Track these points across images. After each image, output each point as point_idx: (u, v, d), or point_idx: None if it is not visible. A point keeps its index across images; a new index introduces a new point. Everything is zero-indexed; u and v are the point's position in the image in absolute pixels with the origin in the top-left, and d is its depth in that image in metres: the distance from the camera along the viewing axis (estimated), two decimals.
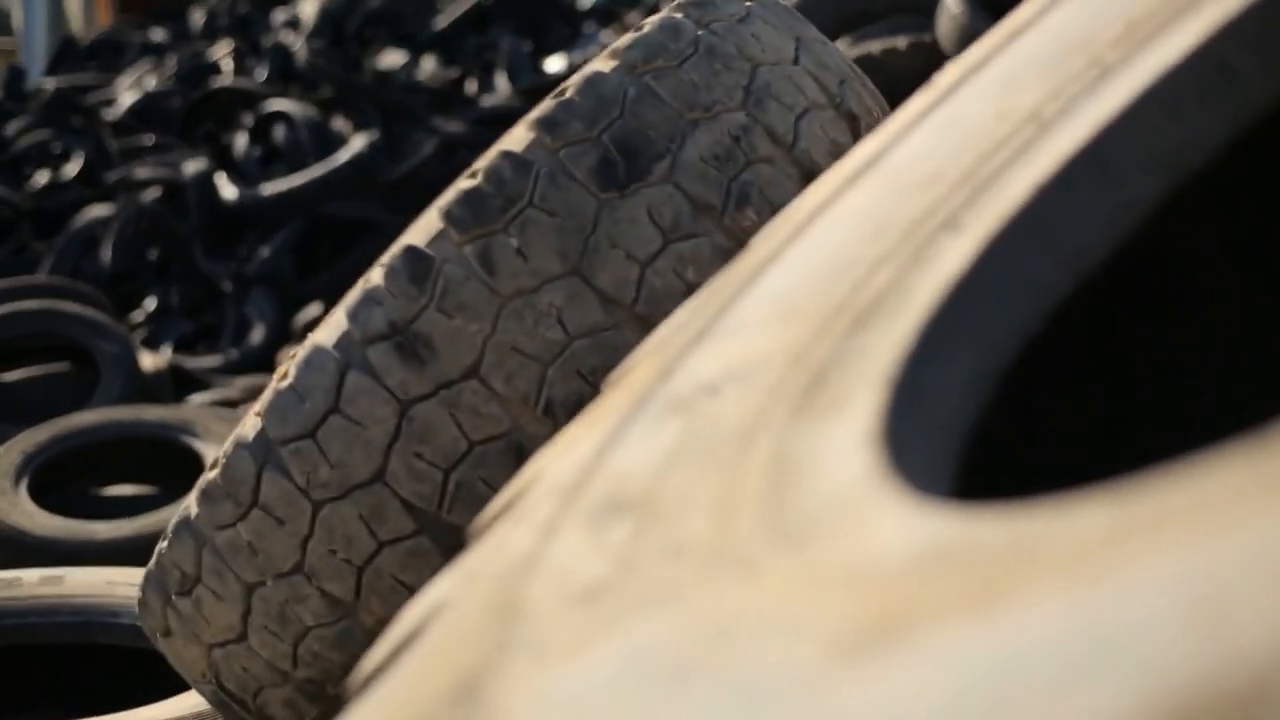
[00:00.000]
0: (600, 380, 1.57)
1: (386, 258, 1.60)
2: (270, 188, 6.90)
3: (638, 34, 1.69)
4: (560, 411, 1.57)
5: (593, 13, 10.13)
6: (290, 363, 1.64)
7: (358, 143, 7.06)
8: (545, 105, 1.64)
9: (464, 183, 1.61)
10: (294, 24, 9.96)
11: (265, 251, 6.62)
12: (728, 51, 1.70)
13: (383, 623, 1.63)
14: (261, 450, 1.62)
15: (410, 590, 1.61)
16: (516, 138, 1.62)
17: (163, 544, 1.74)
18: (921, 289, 1.00)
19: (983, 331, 0.98)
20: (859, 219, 1.12)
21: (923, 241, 1.04)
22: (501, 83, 8.41)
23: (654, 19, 1.71)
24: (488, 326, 1.56)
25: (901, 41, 5.16)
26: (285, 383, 1.61)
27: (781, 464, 0.86)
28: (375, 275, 1.60)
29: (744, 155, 1.65)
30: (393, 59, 8.75)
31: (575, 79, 1.65)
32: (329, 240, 6.78)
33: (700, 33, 1.70)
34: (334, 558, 1.62)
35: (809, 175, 1.69)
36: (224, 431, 3.77)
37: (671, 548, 0.81)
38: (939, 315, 0.94)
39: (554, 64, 8.81)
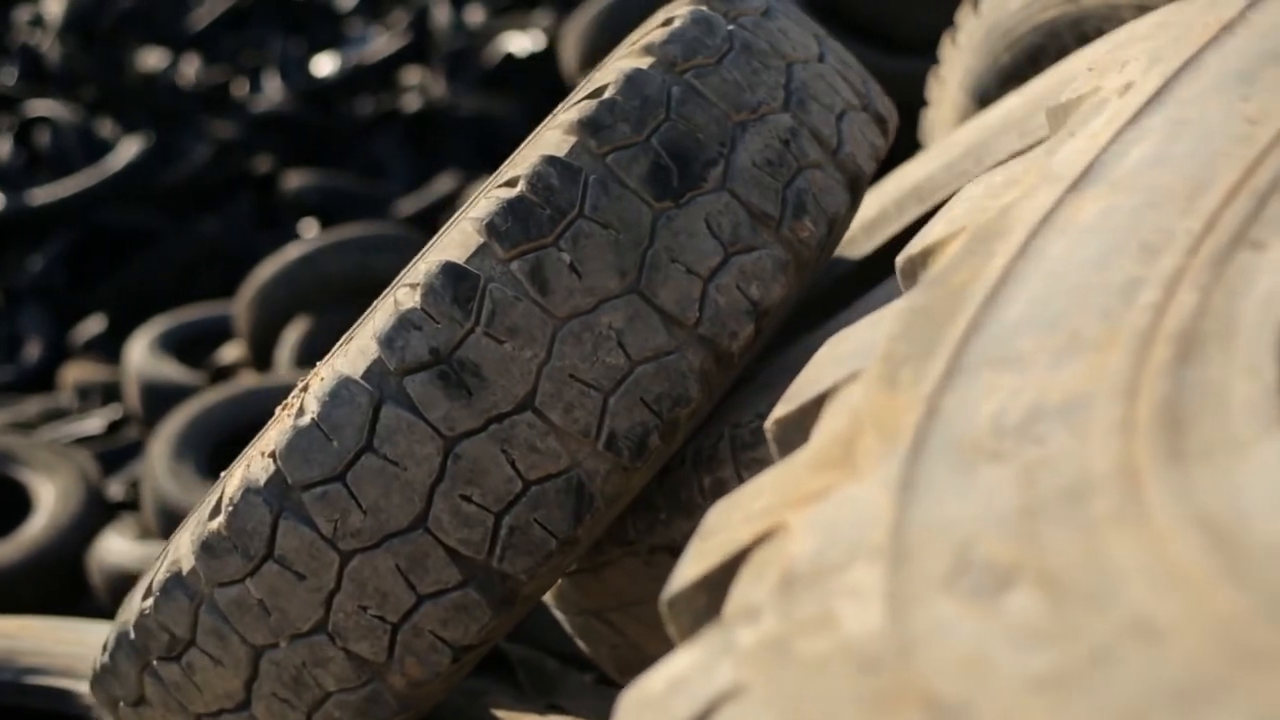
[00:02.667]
0: (667, 410, 1.43)
1: (420, 276, 1.43)
2: (39, 195, 6.48)
3: (669, 28, 1.55)
4: (624, 445, 1.42)
5: (355, 12, 9.85)
6: (304, 395, 1.45)
7: (130, 148, 6.69)
8: (584, 106, 1.48)
9: (502, 191, 1.44)
10: (38, 22, 9.43)
11: (36, 263, 6.21)
12: (762, 48, 1.57)
13: (417, 686, 1.45)
14: (277, 496, 1.43)
15: (452, 648, 1.44)
16: (555, 141, 1.46)
17: (145, 603, 1.52)
18: (1245, 313, 0.89)
19: None
20: (1106, 232, 1.00)
21: (1217, 259, 0.93)
22: (272, 84, 8.09)
23: (680, 11, 1.57)
24: (542, 352, 1.40)
25: None
26: (305, 419, 1.42)
27: (1208, 524, 0.74)
28: (405, 296, 1.43)
29: (795, 160, 1.52)
30: (154, 59, 8.34)
31: (613, 77, 1.50)
32: (104, 250, 6.40)
33: (731, 28, 1.57)
34: (364, 614, 1.43)
35: (854, 181, 1.58)
36: (50, 460, 3.48)
37: (1134, 626, 0.68)
38: None
39: (325, 65, 8.52)
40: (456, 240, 1.44)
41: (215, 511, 1.47)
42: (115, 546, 3.13)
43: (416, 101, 7.71)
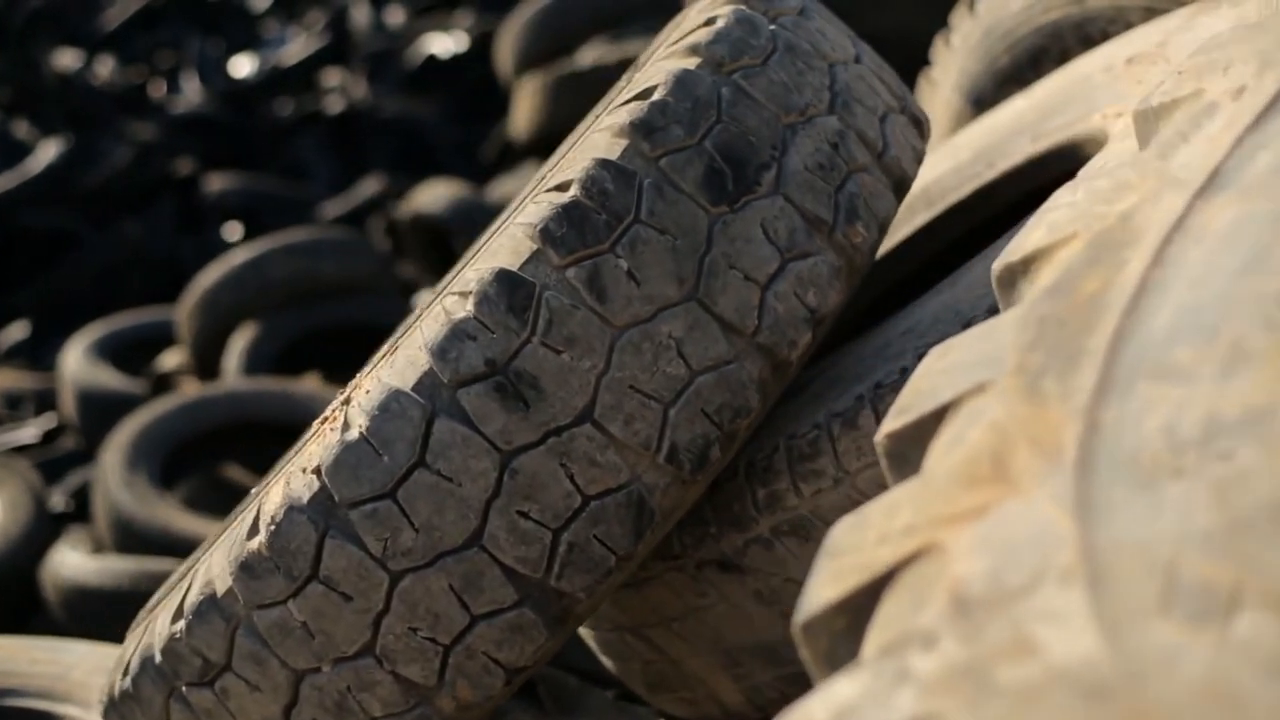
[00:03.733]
0: (728, 421, 1.39)
1: (471, 284, 1.37)
2: None
3: (714, 28, 1.50)
4: (685, 458, 1.38)
5: (270, 13, 9.71)
6: (347, 409, 1.39)
7: (49, 150, 6.54)
8: (634, 108, 1.43)
9: (554, 196, 1.39)
10: None
11: None
12: (805, 49, 1.53)
13: (466, 709, 1.40)
14: (323, 514, 1.37)
15: (506, 670, 1.39)
16: (606, 144, 1.42)
17: (175, 626, 1.46)
18: None
19: None
20: (1246, 240, 0.97)
21: None
22: (190, 85, 7.95)
23: (722, 11, 1.53)
24: (601, 362, 1.36)
25: None
26: (352, 433, 1.36)
27: None
28: (455, 305, 1.37)
29: (844, 164, 1.49)
30: (67, 60, 8.17)
31: (661, 78, 1.45)
32: (24, 254, 6.25)
33: (773, 28, 1.53)
34: (414, 636, 1.38)
35: (899, 185, 1.55)
36: None
37: None
38: None
39: (243, 66, 8.39)
40: (507, 247, 1.39)
41: (254, 531, 1.41)
42: (70, 560, 3.04)
43: (339, 103, 7.61)
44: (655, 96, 1.44)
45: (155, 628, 1.51)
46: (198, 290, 4.05)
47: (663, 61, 1.50)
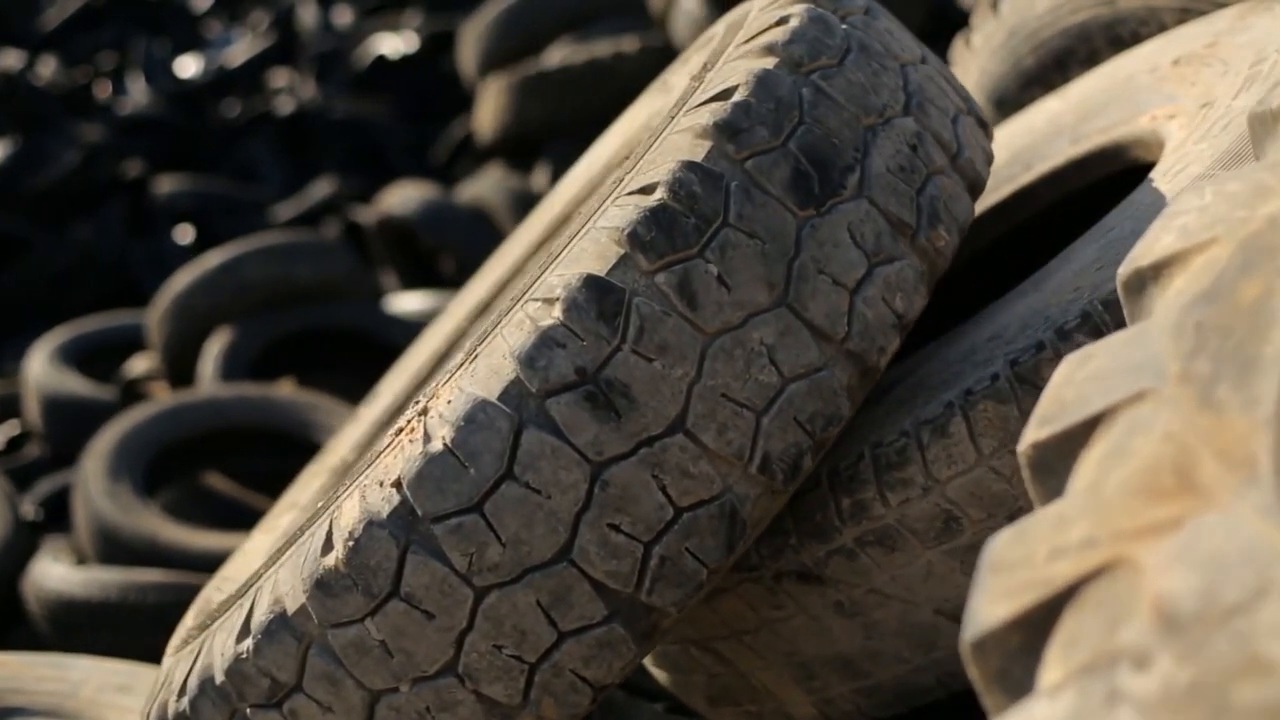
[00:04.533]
0: (820, 430, 1.36)
1: (557, 290, 1.33)
2: None
3: (789, 27, 1.47)
4: (778, 468, 1.34)
5: (211, 13, 9.59)
6: (424, 419, 1.35)
7: None
8: (716, 108, 1.40)
9: (639, 199, 1.35)
10: None
11: None
12: (876, 49, 1.50)
13: None
14: (404, 529, 1.32)
15: (593, 687, 1.35)
16: (689, 145, 1.38)
17: (241, 645, 1.40)
18: None
19: None
20: None
21: None
22: (136, 86, 7.83)
23: (794, 10, 1.50)
24: (692, 370, 1.32)
25: (630, 44, 5.02)
26: (435, 445, 1.32)
27: None
28: (539, 312, 1.33)
29: (924, 166, 1.46)
30: (10, 60, 8.03)
31: (741, 77, 1.42)
32: None
33: (844, 27, 1.50)
34: (499, 654, 1.34)
35: (973, 187, 1.52)
36: None
37: None
38: None
39: (188, 67, 8.28)
40: (591, 251, 1.35)
41: (328, 547, 1.36)
42: (55, 572, 2.96)
43: (289, 104, 7.52)
44: (737, 97, 1.40)
45: (214, 647, 1.46)
46: (170, 294, 3.97)
47: (738, 61, 1.46)
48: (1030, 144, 2.01)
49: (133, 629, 2.87)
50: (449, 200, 4.78)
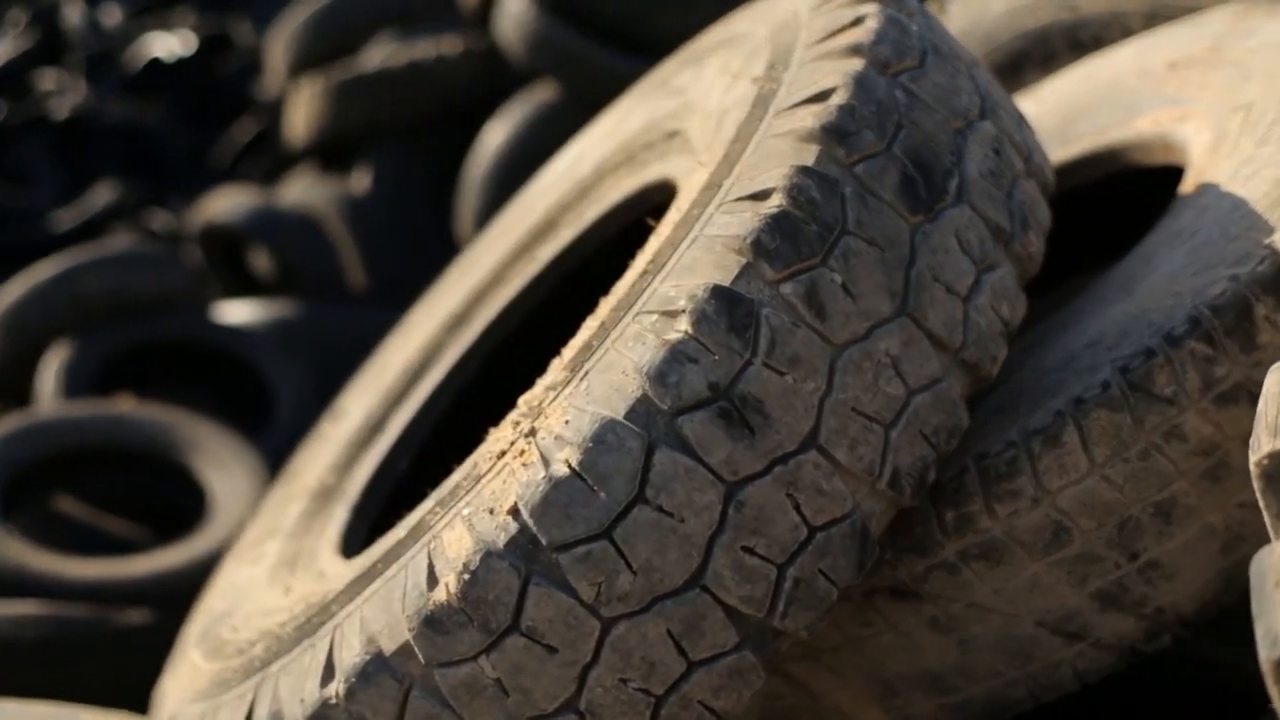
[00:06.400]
0: (944, 443, 1.32)
1: (680, 302, 1.26)
2: None
3: (869, 27, 1.43)
4: (906, 483, 1.30)
5: None
6: (538, 441, 1.26)
7: None
8: (821, 111, 1.35)
9: (756, 205, 1.30)
10: None
11: None
12: (946, 50, 1.48)
13: None
14: (524, 559, 1.24)
15: (720, 718, 1.29)
16: (794, 150, 1.33)
17: (328, 690, 1.30)
18: None
19: None
20: None
21: None
22: None
23: (868, 9, 1.45)
24: (823, 384, 1.27)
25: (452, 46, 4.92)
26: (559, 469, 1.24)
27: None
28: (662, 325, 1.26)
29: (1009, 170, 1.43)
30: None
31: (839, 79, 1.37)
32: None
33: (915, 27, 1.47)
34: (624, 688, 1.26)
35: (1044, 191, 1.50)
36: None
37: None
38: None
39: None
40: (708, 261, 1.29)
41: (433, 580, 1.26)
42: None
43: (63, 108, 7.17)
44: (838, 100, 1.36)
45: (281, 693, 1.35)
46: (0, 307, 3.73)
47: (819, 63, 1.42)
48: None
49: (6, 667, 2.67)
50: (277, 205, 4.60)
